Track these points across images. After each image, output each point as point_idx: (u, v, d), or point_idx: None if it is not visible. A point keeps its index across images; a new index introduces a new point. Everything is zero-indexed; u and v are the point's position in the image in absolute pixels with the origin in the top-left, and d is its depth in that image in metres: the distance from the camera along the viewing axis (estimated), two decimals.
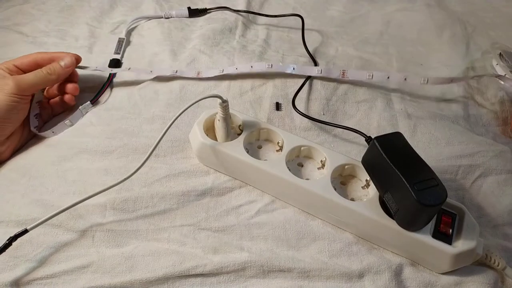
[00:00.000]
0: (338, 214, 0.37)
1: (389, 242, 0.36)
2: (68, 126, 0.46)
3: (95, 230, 0.37)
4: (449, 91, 0.52)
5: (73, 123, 0.47)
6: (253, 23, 0.63)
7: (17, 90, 0.40)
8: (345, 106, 0.49)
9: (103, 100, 0.50)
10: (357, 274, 0.35)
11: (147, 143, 0.43)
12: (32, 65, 0.44)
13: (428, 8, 0.66)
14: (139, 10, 0.64)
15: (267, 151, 0.42)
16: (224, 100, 0.38)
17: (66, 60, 0.45)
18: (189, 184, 0.41)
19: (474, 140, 0.45)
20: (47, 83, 0.44)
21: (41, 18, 0.61)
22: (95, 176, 0.41)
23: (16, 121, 0.42)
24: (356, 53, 0.57)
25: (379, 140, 0.34)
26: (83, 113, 0.47)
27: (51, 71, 0.43)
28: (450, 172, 0.43)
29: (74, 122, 0.47)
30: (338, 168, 0.39)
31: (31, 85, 0.42)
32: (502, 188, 0.42)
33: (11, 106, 0.40)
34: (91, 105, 0.48)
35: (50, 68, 0.43)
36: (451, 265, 0.34)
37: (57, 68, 0.44)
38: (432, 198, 0.31)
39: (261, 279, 0.35)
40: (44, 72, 0.43)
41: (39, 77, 0.42)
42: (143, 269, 0.35)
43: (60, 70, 0.44)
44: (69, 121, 0.46)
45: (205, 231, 0.38)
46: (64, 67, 0.44)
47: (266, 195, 0.40)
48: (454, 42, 0.60)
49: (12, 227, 0.37)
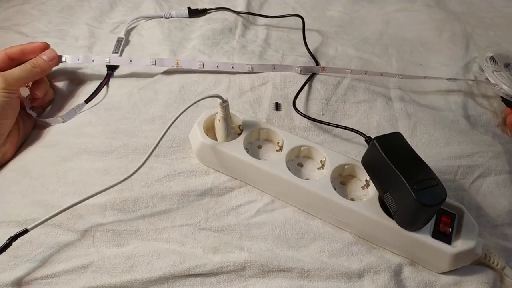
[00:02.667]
0: (338, 214, 0.37)
1: (389, 242, 0.36)
2: (60, 122, 0.47)
3: (95, 230, 0.37)
4: (449, 91, 0.52)
5: (65, 120, 0.47)
6: (252, 23, 0.63)
7: (6, 85, 0.41)
8: (344, 106, 0.49)
9: (103, 100, 0.50)
10: (357, 274, 0.35)
11: (147, 143, 0.43)
12: (5, 61, 0.44)
13: (427, 8, 0.66)
14: (139, 10, 0.64)
15: (267, 151, 0.42)
16: (224, 100, 0.38)
17: (48, 54, 0.46)
18: (189, 184, 0.41)
19: (473, 141, 0.45)
20: (33, 77, 0.45)
21: (41, 18, 0.61)
22: (95, 177, 0.41)
23: (12, 117, 0.43)
24: (355, 53, 0.57)
25: (379, 140, 0.34)
26: (76, 112, 0.48)
27: (35, 64, 0.45)
28: (449, 172, 0.43)
29: (66, 120, 0.47)
30: (338, 168, 0.39)
31: (18, 79, 0.43)
32: (501, 189, 0.42)
33: (5, 102, 0.41)
34: (85, 104, 0.49)
35: (34, 62, 0.45)
36: (451, 265, 0.34)
37: (40, 62, 0.45)
38: (432, 197, 0.31)
39: (261, 278, 0.35)
40: (29, 66, 0.44)
41: (25, 70, 0.44)
42: (143, 269, 0.35)
43: (43, 64, 0.45)
44: (61, 118, 0.47)
45: (205, 231, 0.38)
46: (47, 60, 0.46)
47: (266, 195, 0.41)
48: (454, 42, 0.60)
49: (13, 227, 0.37)
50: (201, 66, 0.51)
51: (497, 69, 0.52)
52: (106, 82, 0.51)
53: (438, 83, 0.53)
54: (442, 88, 0.52)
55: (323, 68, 0.52)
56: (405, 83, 0.53)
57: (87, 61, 0.50)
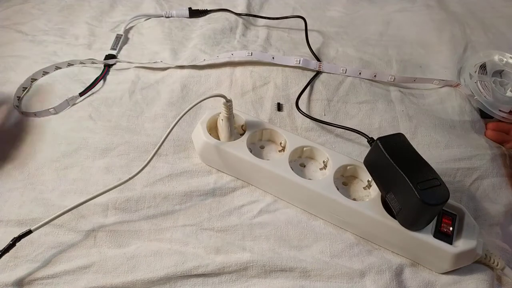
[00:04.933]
0: (340, 214, 0.37)
1: (391, 242, 0.36)
2: (52, 113, 0.47)
3: (97, 230, 0.37)
4: (448, 94, 0.52)
5: (57, 112, 0.47)
6: (253, 23, 0.63)
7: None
8: (346, 106, 0.49)
9: (103, 95, 0.49)
10: (358, 274, 0.36)
11: (149, 141, 0.43)
12: None
13: (427, 8, 0.66)
14: (139, 9, 0.64)
15: (270, 152, 0.42)
16: (228, 100, 0.38)
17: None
18: (191, 184, 0.41)
19: (472, 144, 0.46)
20: None
21: (41, 17, 0.61)
22: (96, 175, 0.41)
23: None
24: (356, 54, 0.57)
25: (382, 141, 0.34)
26: (69, 103, 0.48)
27: None
28: (449, 174, 0.43)
29: (59, 111, 0.47)
30: (340, 169, 0.39)
31: None
32: (496, 191, 0.43)
33: None
34: (79, 96, 0.48)
35: None
36: (452, 265, 0.35)
37: None
38: (435, 197, 0.31)
39: (263, 279, 0.35)
40: None
41: None
42: (145, 269, 0.35)
43: None
44: (53, 109, 0.47)
45: (207, 231, 0.38)
46: None
47: (269, 195, 0.41)
48: (453, 43, 0.60)
49: (12, 226, 0.37)
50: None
51: (483, 79, 0.51)
52: (102, 78, 0.51)
53: (437, 87, 0.53)
54: (441, 92, 0.53)
55: (320, 64, 0.52)
56: (406, 85, 0.53)
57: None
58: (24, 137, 0.45)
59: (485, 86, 0.50)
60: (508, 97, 0.50)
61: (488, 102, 0.50)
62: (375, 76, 0.52)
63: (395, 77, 0.52)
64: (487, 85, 0.51)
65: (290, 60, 0.52)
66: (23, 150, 0.43)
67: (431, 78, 0.53)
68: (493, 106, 0.49)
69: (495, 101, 0.49)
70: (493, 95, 0.50)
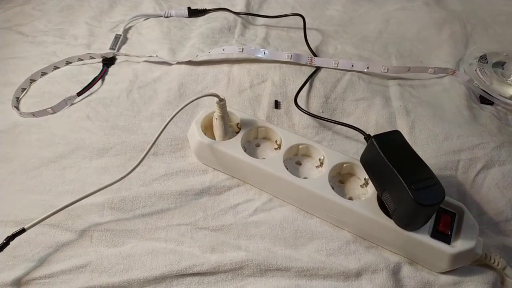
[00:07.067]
0: (335, 213, 0.36)
1: (387, 241, 0.36)
2: (49, 113, 0.47)
3: (93, 229, 0.37)
4: (448, 84, 0.52)
5: (55, 112, 0.47)
6: (252, 22, 0.62)
7: None
8: (343, 103, 0.49)
9: (100, 95, 0.50)
10: (355, 273, 0.35)
11: (146, 141, 0.43)
12: None
13: (427, 6, 0.66)
14: (138, 9, 0.64)
15: (265, 150, 0.42)
16: (221, 99, 0.37)
17: None
18: (187, 183, 0.41)
19: (474, 133, 0.45)
20: None
21: (41, 18, 0.62)
22: (93, 175, 0.41)
23: None
24: (355, 51, 0.57)
25: (377, 138, 0.34)
26: (67, 103, 0.48)
27: None
28: (450, 167, 0.42)
29: (57, 111, 0.47)
30: (337, 167, 0.38)
31: None
32: (507, 179, 0.41)
33: None
34: (77, 96, 0.49)
35: None
36: (450, 265, 0.34)
37: None
38: (430, 197, 0.30)
39: (259, 278, 0.35)
40: None
41: None
42: (140, 268, 0.35)
43: None
44: (51, 109, 0.47)
45: (202, 230, 0.38)
46: None
47: (264, 193, 0.40)
48: (454, 40, 0.59)
49: (11, 227, 0.37)
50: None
51: (483, 66, 0.51)
52: (100, 77, 0.51)
53: (440, 78, 0.52)
54: (440, 82, 0.52)
55: (311, 59, 0.52)
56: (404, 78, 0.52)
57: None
58: (22, 138, 0.45)
59: (485, 73, 0.50)
60: (508, 83, 0.49)
61: (487, 87, 0.49)
62: (368, 67, 0.51)
63: (388, 67, 0.51)
64: (487, 72, 0.50)
65: (281, 55, 0.52)
66: (21, 150, 0.44)
67: (426, 67, 0.52)
68: (493, 91, 0.49)
69: (495, 86, 0.49)
70: (491, 81, 0.49)
